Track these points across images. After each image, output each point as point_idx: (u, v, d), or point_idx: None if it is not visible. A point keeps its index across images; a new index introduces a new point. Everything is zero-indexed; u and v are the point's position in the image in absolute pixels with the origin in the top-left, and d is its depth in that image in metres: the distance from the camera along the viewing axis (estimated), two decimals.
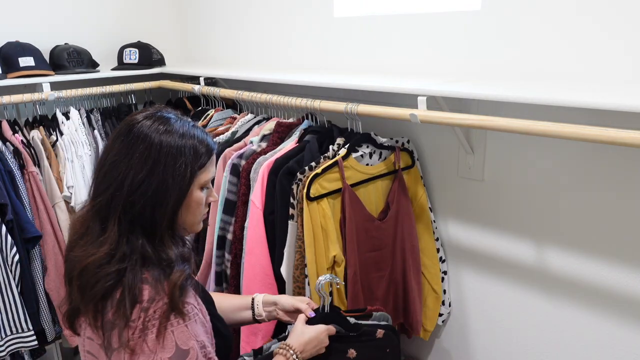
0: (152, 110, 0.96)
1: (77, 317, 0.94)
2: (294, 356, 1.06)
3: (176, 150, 0.91)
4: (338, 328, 1.12)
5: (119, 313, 0.85)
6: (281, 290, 1.44)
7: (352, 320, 1.16)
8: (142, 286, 0.87)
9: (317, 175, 1.35)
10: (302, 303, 1.18)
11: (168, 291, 0.88)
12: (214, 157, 0.99)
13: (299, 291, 1.40)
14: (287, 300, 1.21)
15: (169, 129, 0.92)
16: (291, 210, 1.39)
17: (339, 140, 1.45)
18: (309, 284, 1.37)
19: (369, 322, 1.17)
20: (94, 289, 0.86)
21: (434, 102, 1.31)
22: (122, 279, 0.86)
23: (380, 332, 1.14)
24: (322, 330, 1.10)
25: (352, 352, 1.14)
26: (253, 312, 1.22)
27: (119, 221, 0.89)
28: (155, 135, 0.90)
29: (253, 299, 1.23)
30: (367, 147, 1.49)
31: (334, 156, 1.42)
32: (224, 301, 1.22)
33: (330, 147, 1.45)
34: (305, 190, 1.34)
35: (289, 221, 1.40)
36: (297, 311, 1.18)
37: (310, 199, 1.34)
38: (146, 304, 0.85)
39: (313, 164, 1.40)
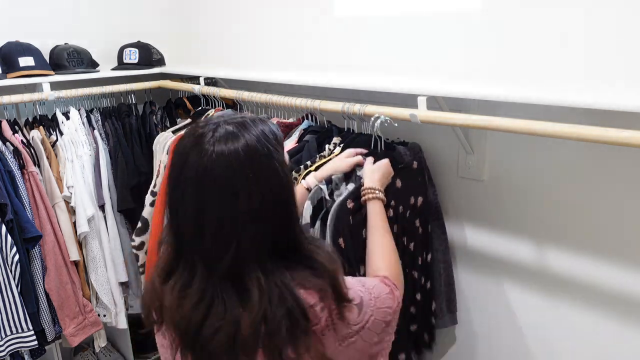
0: (189, 137, 0.79)
1: None
2: (381, 193, 1.18)
3: (261, 148, 0.78)
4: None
5: (297, 332, 0.75)
6: None
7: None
8: (303, 295, 0.77)
9: (311, 172, 1.35)
10: (355, 158, 1.31)
11: (330, 291, 0.79)
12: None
13: None
14: (341, 166, 1.31)
15: (236, 136, 0.77)
16: None
17: (335, 140, 1.45)
18: None
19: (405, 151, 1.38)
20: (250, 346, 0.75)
21: (434, 102, 1.31)
22: (291, 314, 0.75)
23: (415, 164, 1.35)
24: (386, 163, 1.25)
25: (398, 183, 1.33)
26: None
27: (260, 265, 0.77)
28: (234, 152, 0.76)
29: (307, 188, 1.31)
30: None
31: (329, 154, 1.42)
32: None
33: (327, 146, 1.45)
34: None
35: None
36: (357, 164, 1.31)
37: None
38: (318, 308, 0.77)
39: (309, 162, 1.41)
